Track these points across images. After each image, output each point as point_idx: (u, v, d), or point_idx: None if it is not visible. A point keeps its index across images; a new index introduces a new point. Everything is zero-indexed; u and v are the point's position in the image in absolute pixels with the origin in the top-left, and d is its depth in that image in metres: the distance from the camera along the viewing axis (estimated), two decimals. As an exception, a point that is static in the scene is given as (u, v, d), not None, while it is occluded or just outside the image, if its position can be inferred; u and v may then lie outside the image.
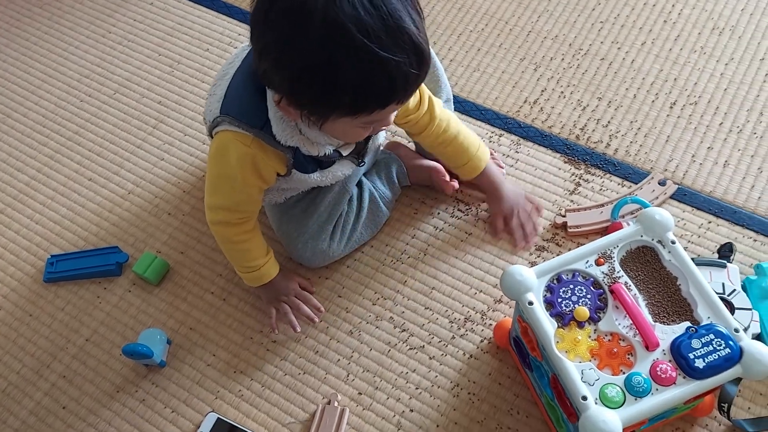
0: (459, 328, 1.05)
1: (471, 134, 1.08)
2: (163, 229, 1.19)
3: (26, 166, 1.29)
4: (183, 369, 1.06)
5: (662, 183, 1.12)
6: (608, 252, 0.83)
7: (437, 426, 0.98)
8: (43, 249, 1.19)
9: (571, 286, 0.82)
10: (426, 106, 1.00)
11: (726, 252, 1.03)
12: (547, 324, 0.79)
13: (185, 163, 1.26)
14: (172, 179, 1.24)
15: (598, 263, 0.83)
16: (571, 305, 0.81)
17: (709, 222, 1.09)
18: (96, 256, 1.16)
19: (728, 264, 1.00)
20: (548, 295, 0.82)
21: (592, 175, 1.16)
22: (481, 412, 0.99)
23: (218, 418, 1.01)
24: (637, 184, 1.13)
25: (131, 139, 1.30)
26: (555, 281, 0.83)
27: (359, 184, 1.10)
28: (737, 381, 0.91)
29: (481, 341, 1.04)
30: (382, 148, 1.14)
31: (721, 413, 0.92)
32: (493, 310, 1.06)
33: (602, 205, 1.10)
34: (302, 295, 1.07)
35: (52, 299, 1.14)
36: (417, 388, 1.01)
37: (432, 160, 1.13)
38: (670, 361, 0.76)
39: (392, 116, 0.86)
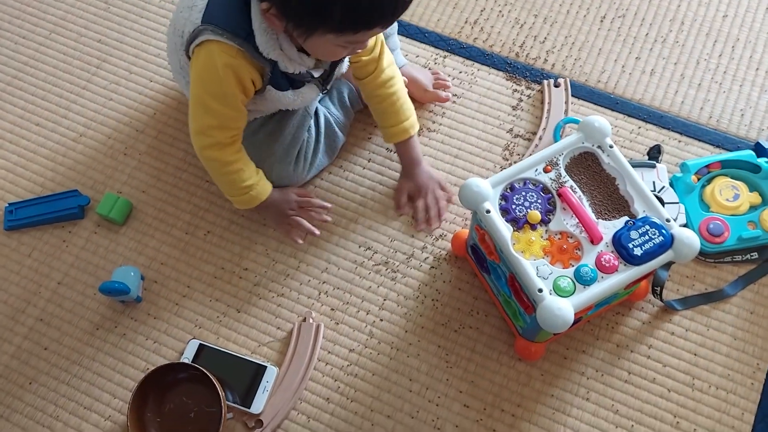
0: (418, 243, 1.12)
1: (409, 105, 1.10)
2: (121, 169, 1.20)
3: (-34, 115, 1.25)
4: (159, 302, 1.10)
5: (557, 85, 1.20)
6: (554, 159, 0.91)
7: (405, 331, 1.07)
8: (-1, 198, 1.19)
9: (523, 193, 0.90)
10: (377, 52, 1.03)
11: (655, 153, 1.13)
12: (504, 229, 0.87)
13: (135, 102, 1.25)
14: (124, 119, 1.24)
15: (545, 170, 0.91)
16: (524, 210, 0.89)
17: (639, 127, 1.19)
18: (56, 201, 1.16)
19: (657, 164, 1.10)
20: (503, 203, 0.90)
21: (533, 90, 1.23)
22: (445, 315, 1.08)
23: (200, 343, 1.06)
24: (577, 97, 1.21)
25: (75, 80, 1.27)
26: (508, 190, 0.90)
27: (315, 112, 1.13)
28: (668, 266, 1.03)
29: (440, 253, 1.12)
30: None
31: (654, 296, 1.04)
32: (450, 223, 1.14)
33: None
34: (305, 201, 1.11)
35: (16, 247, 1.15)
36: (384, 300, 1.09)
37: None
38: (612, 252, 0.86)
39: (371, 40, 0.89)
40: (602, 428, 1.00)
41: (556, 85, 1.20)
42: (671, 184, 1.09)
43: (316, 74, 0.99)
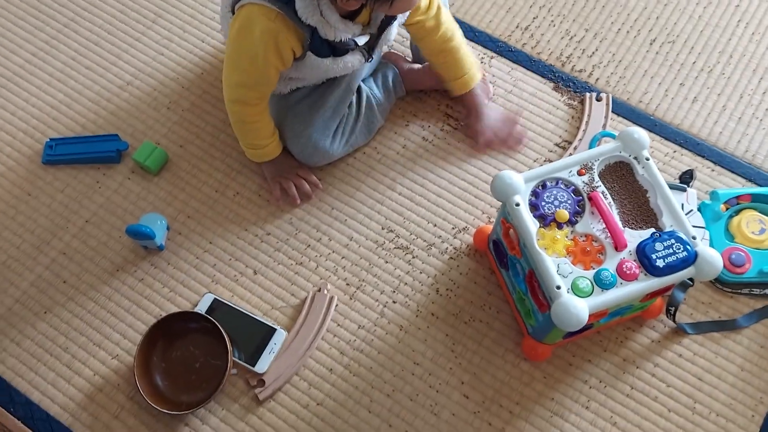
0: (441, 233, 1.14)
1: (470, 52, 1.14)
2: (162, 122, 1.22)
3: (20, 49, 1.29)
4: (180, 253, 1.13)
5: (599, 99, 1.22)
6: (589, 164, 0.92)
7: (416, 316, 1.08)
8: (41, 132, 1.22)
9: (555, 192, 0.91)
10: (434, 10, 1.06)
11: (687, 178, 1.13)
12: (531, 223, 0.88)
13: (184, 60, 1.28)
14: (171, 74, 1.27)
15: (579, 173, 0.92)
16: (553, 208, 0.90)
17: (674, 151, 1.19)
18: (96, 142, 1.19)
19: (688, 188, 1.11)
20: (533, 198, 0.91)
21: (574, 101, 1.24)
22: (457, 306, 1.09)
23: (215, 298, 1.08)
24: (617, 113, 1.22)
25: (129, 31, 1.31)
26: (540, 187, 0.92)
27: (357, 90, 1.15)
28: (685, 289, 1.03)
29: (461, 245, 1.13)
30: (386, 49, 1.20)
31: (667, 316, 1.04)
32: (475, 218, 1.15)
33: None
34: (304, 172, 1.14)
35: (50, 181, 1.18)
36: (400, 283, 1.11)
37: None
38: (635, 260, 0.87)
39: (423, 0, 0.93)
40: (598, 438, 1.01)
41: (598, 99, 1.22)
42: (699, 210, 1.10)
43: (361, 42, 1.01)
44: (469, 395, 1.03)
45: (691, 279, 0.95)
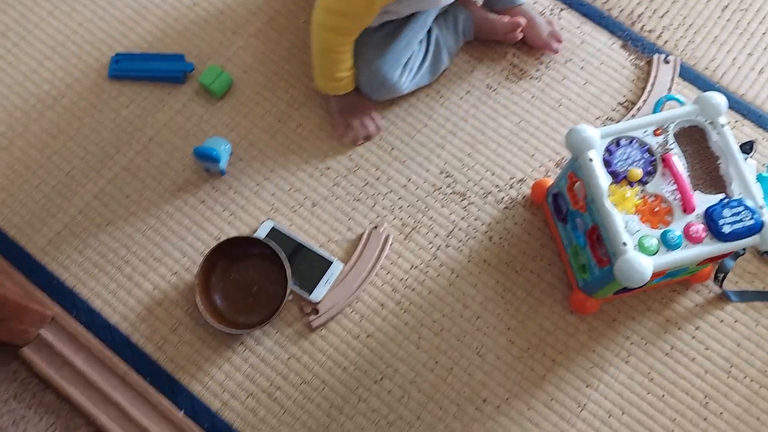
0: (498, 182, 1.15)
1: None
2: (227, 46, 1.22)
3: (87, -40, 1.27)
4: (242, 179, 1.14)
5: (666, 62, 1.21)
6: (665, 126, 0.93)
7: (468, 261, 1.11)
8: (107, 46, 1.21)
9: (629, 150, 0.92)
10: None
11: (747, 148, 1.14)
12: (603, 179, 0.90)
13: (251, -16, 1.27)
14: (238, -2, 1.26)
15: (655, 134, 0.93)
16: (626, 166, 0.91)
17: (736, 121, 1.20)
18: (162, 61, 1.19)
19: (747, 158, 1.12)
20: (606, 155, 0.92)
21: (641, 61, 1.23)
22: (510, 255, 1.11)
23: (274, 226, 1.11)
24: (682, 77, 1.22)
25: (198, -50, 1.29)
26: (615, 144, 0.93)
27: (428, 30, 1.14)
28: (736, 257, 1.05)
29: (517, 196, 1.15)
30: None
31: (715, 282, 1.07)
32: (533, 170, 1.16)
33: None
34: (369, 113, 1.15)
35: (116, 96, 1.18)
36: (454, 228, 1.13)
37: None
38: (702, 224, 0.88)
39: None
40: (634, 391, 1.04)
41: (666, 62, 1.21)
42: (758, 180, 1.11)
43: None
44: (514, 341, 1.07)
45: (743, 248, 0.97)
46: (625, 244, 0.87)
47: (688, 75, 1.22)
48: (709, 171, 0.93)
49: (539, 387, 1.04)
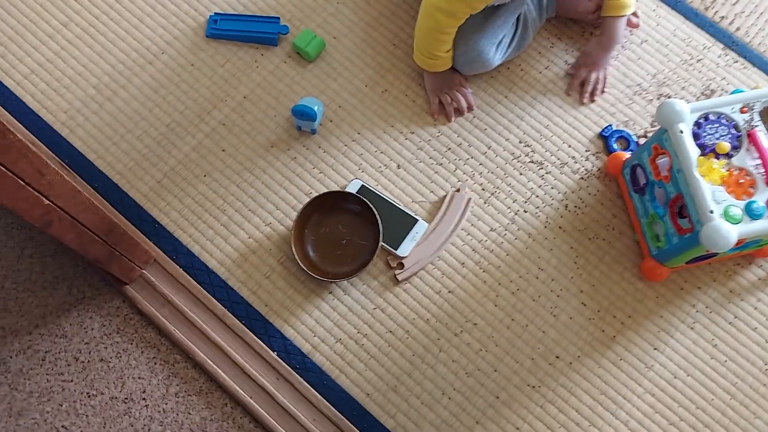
0: (575, 154, 1.21)
1: None
2: (319, 12, 1.27)
3: None
4: (331, 139, 1.20)
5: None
6: (751, 104, 0.99)
7: (544, 227, 1.17)
8: (204, 6, 1.27)
9: (716, 125, 0.98)
10: None
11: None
12: (692, 150, 0.96)
13: (341, -47, 1.32)
14: (329, -33, 1.31)
15: (742, 111, 0.98)
16: (714, 140, 0.97)
17: (803, 108, 1.25)
18: (258, 22, 1.24)
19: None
20: (695, 129, 0.98)
21: (712, 46, 1.29)
22: (583, 223, 1.17)
23: (362, 184, 1.17)
24: (751, 62, 1.27)
25: None
26: (703, 119, 0.98)
27: (518, 5, 1.20)
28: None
29: (592, 167, 1.20)
30: None
31: (779, 257, 1.13)
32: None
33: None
34: (462, 90, 1.21)
35: (212, 54, 1.24)
36: (532, 195, 1.19)
37: None
38: (784, 197, 0.94)
39: None
40: (699, 356, 1.11)
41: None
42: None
43: None
44: (586, 303, 1.13)
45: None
46: (712, 212, 0.93)
47: (758, 61, 1.27)
48: (790, 148, 0.98)
49: (609, 347, 1.11)
